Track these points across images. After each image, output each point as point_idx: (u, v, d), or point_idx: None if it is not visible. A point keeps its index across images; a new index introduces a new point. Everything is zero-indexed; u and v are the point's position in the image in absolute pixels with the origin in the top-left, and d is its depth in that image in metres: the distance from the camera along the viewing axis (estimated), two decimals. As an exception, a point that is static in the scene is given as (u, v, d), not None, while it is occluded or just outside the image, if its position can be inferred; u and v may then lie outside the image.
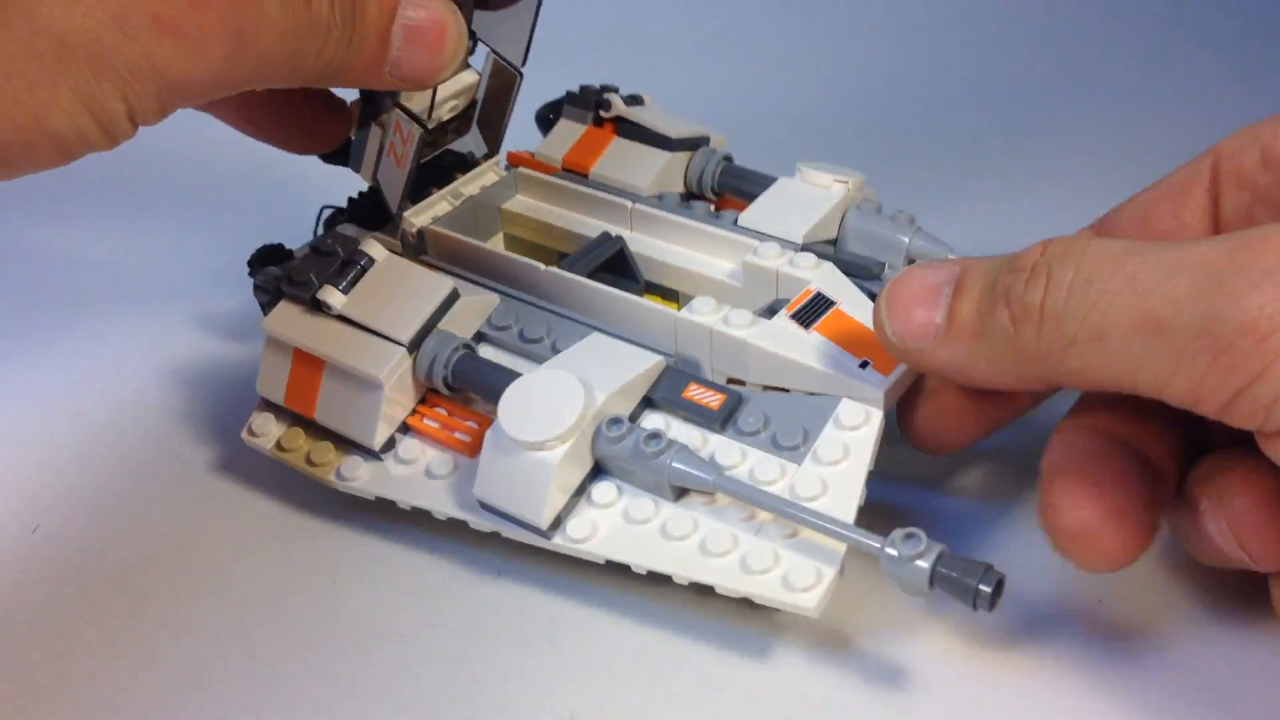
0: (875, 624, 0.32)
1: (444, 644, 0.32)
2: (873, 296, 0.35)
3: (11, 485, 0.39)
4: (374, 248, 0.36)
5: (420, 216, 0.40)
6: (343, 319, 0.35)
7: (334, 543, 0.36)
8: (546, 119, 0.45)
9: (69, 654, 0.32)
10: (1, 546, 0.36)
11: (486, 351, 0.36)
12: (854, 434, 0.32)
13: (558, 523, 0.32)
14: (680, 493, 0.32)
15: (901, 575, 0.28)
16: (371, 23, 0.29)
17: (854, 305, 0.34)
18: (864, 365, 0.33)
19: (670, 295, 0.39)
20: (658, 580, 0.31)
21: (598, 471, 0.33)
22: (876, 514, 0.31)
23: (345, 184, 0.41)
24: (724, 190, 0.42)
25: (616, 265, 0.39)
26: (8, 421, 0.42)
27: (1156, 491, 0.29)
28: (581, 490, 0.32)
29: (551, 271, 0.37)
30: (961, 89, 0.57)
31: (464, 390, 0.35)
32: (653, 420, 0.33)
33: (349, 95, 0.37)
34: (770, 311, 0.35)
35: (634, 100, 0.44)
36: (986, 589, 0.27)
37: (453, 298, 0.35)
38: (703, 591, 0.31)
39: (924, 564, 0.28)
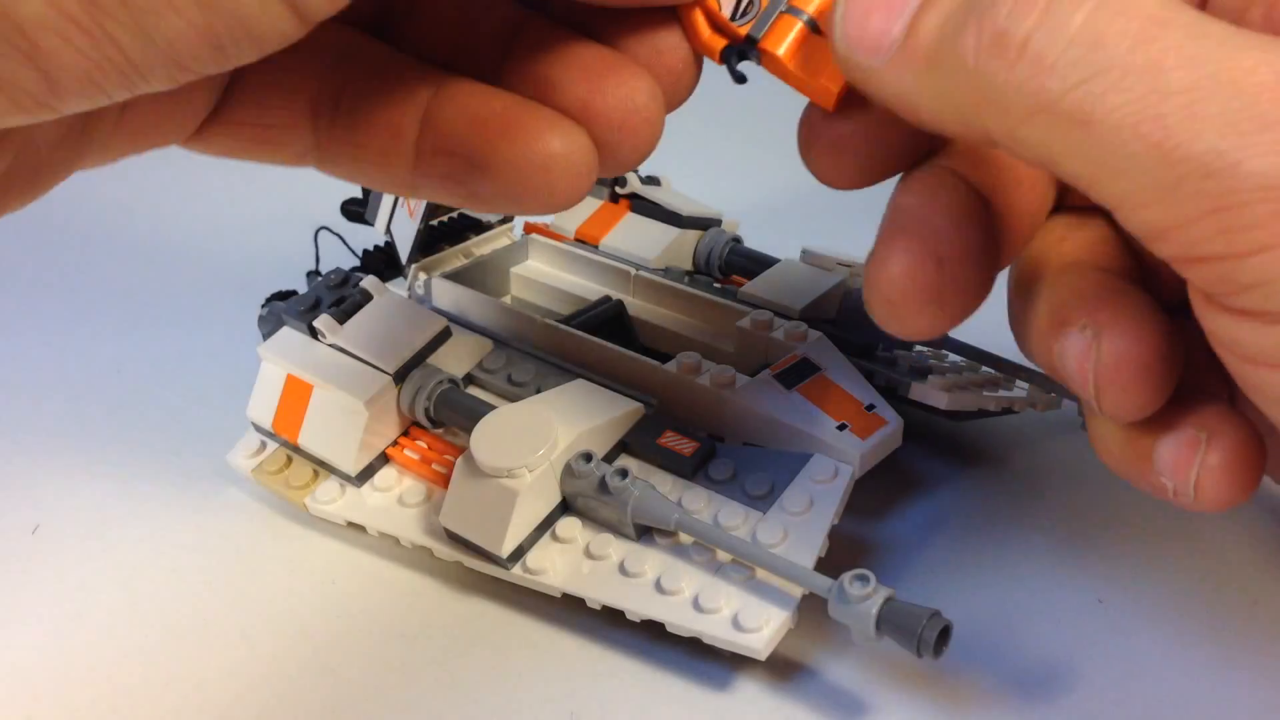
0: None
1: (444, 644, 0.32)
2: (867, 373, 0.35)
3: (12, 485, 0.39)
4: (374, 284, 0.37)
5: (430, 270, 0.41)
6: (335, 348, 0.36)
7: (334, 544, 0.36)
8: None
9: (68, 654, 0.32)
10: (1, 546, 0.36)
11: (475, 392, 0.36)
12: (821, 486, 0.32)
13: (519, 554, 0.32)
14: (643, 531, 0.32)
15: (848, 619, 0.28)
16: None
17: (841, 375, 0.35)
18: (842, 428, 0.33)
19: (665, 360, 0.40)
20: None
21: (566, 509, 0.33)
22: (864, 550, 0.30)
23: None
24: (731, 270, 0.43)
25: (615, 327, 0.40)
26: (8, 420, 0.43)
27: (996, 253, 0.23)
28: (547, 525, 0.32)
29: (546, 322, 0.38)
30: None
31: (445, 424, 0.35)
32: (625, 464, 0.33)
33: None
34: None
35: (651, 180, 0.45)
36: (930, 637, 0.27)
37: (444, 335, 0.36)
38: (657, 629, 0.30)
39: (870, 609, 0.27)
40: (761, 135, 0.63)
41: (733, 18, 0.23)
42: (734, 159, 0.61)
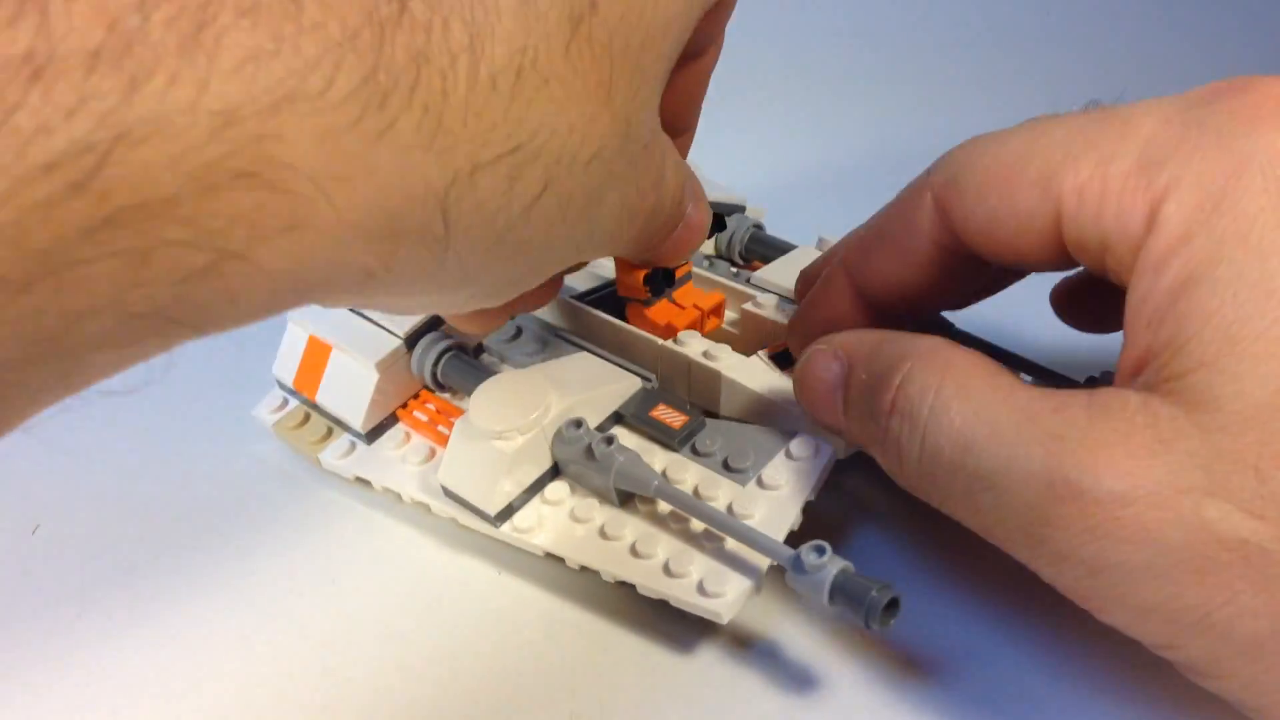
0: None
1: (444, 644, 0.33)
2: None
3: (12, 485, 0.40)
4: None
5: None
6: (355, 312, 0.37)
7: (333, 546, 0.37)
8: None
9: (69, 654, 0.33)
10: (1, 546, 0.37)
11: (486, 361, 0.38)
12: (800, 464, 0.32)
13: (509, 513, 0.33)
14: (626, 498, 0.33)
15: (803, 588, 0.28)
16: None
17: (839, 359, 0.35)
18: (831, 409, 0.33)
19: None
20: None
21: (557, 473, 0.34)
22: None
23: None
24: (751, 256, 0.44)
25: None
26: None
27: None
28: (538, 488, 0.34)
29: (559, 298, 0.39)
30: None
31: (451, 388, 0.37)
32: (618, 434, 0.35)
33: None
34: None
35: (680, 166, 0.46)
36: (877, 606, 0.27)
37: (457, 304, 0.37)
38: (628, 591, 0.31)
39: (824, 579, 0.28)
40: (795, 122, 0.64)
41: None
42: (770, 146, 0.61)
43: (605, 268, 0.42)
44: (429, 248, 0.21)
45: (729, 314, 0.40)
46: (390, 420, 0.37)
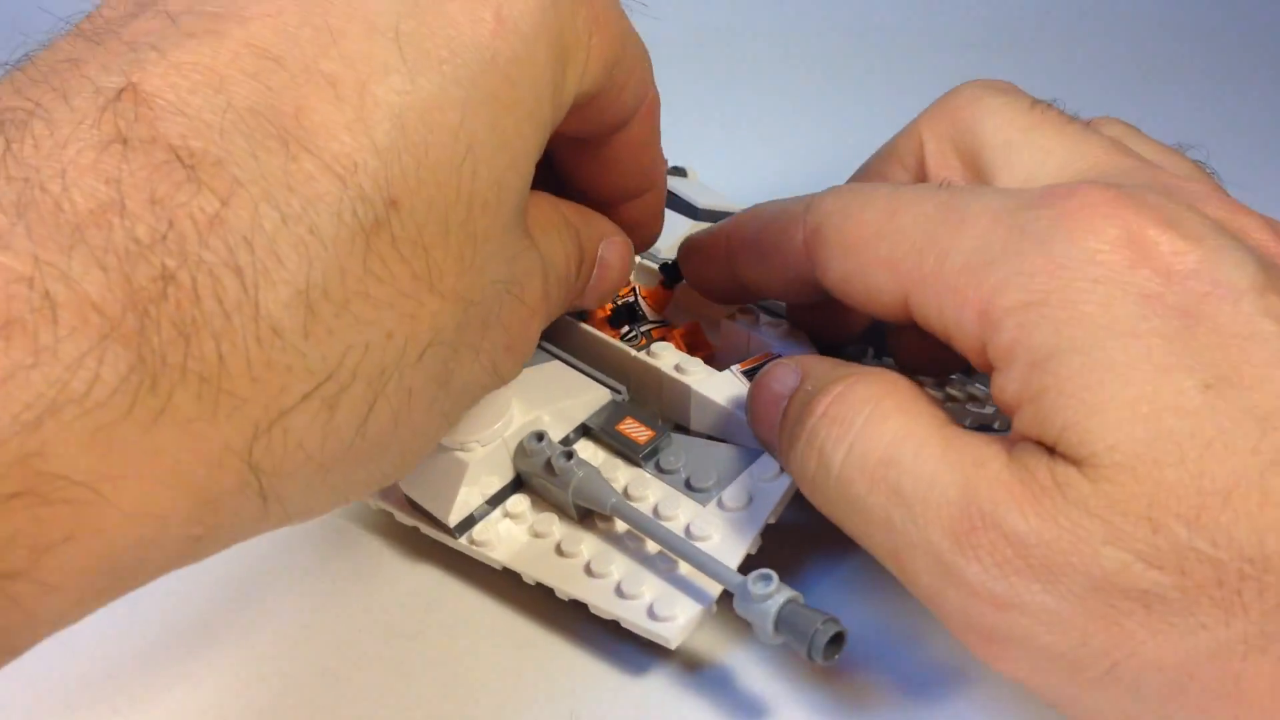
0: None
1: (444, 644, 0.33)
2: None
3: None
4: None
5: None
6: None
7: (332, 545, 0.37)
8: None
9: (68, 654, 0.32)
10: None
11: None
12: (763, 486, 0.32)
13: (470, 524, 0.33)
14: (585, 514, 0.32)
15: (750, 616, 0.28)
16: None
17: (815, 374, 0.35)
18: (800, 428, 0.33)
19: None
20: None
21: (520, 485, 0.34)
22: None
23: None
24: (744, 263, 0.43)
25: (627, 316, 0.40)
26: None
27: None
28: (499, 500, 0.33)
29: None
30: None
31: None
32: (582, 447, 0.34)
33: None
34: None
35: (677, 171, 0.45)
36: (821, 641, 0.27)
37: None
38: (581, 609, 0.31)
39: (770, 609, 0.27)
40: (793, 126, 0.63)
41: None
42: (766, 152, 0.60)
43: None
44: (249, 501, 0.21)
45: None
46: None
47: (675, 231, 0.43)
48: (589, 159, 0.32)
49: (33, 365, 0.17)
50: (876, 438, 0.26)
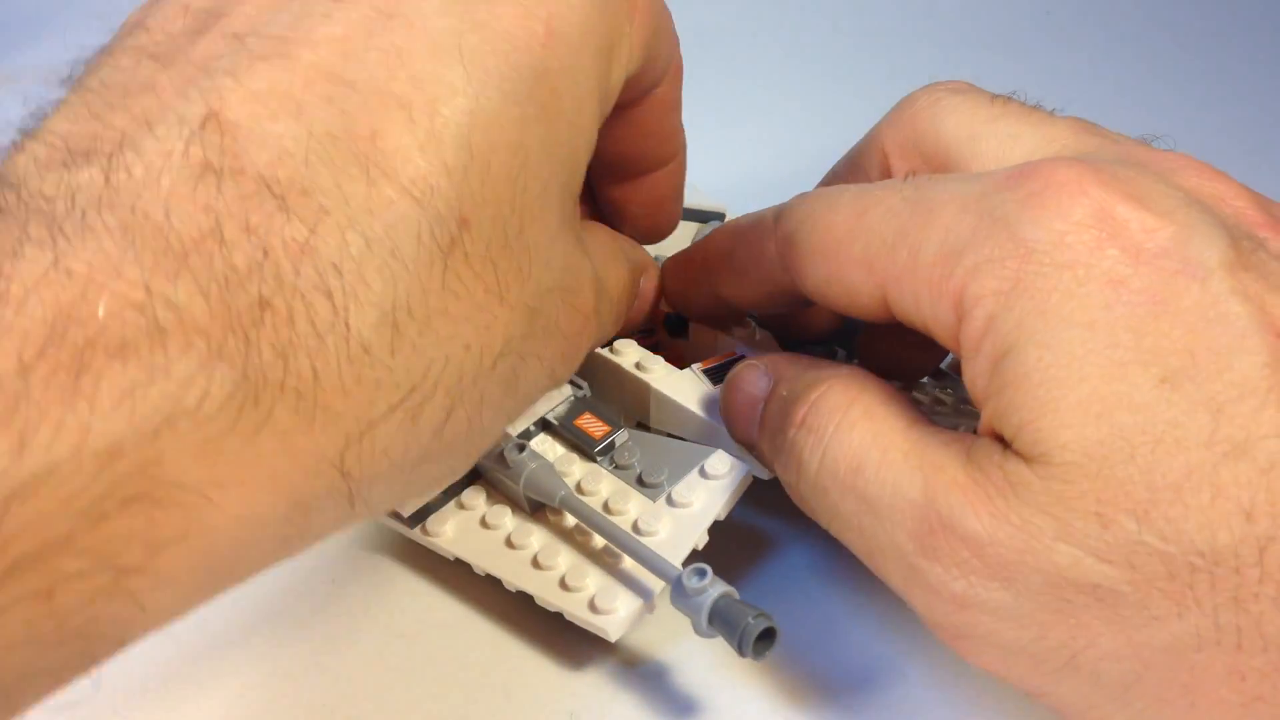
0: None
1: (444, 643, 0.33)
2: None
3: None
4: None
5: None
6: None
7: (333, 544, 0.37)
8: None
9: None
10: None
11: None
12: (713, 482, 0.32)
13: (425, 514, 0.33)
14: (537, 507, 0.33)
15: (685, 610, 0.28)
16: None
17: (773, 375, 0.35)
18: (758, 427, 0.33)
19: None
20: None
21: (477, 477, 0.34)
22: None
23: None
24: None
25: None
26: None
27: None
28: (455, 492, 0.34)
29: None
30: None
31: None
32: (541, 441, 0.34)
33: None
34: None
35: (661, 170, 0.45)
36: (750, 636, 0.27)
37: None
38: (526, 601, 0.31)
39: (703, 603, 0.27)
40: (782, 121, 0.63)
41: None
42: (754, 147, 0.60)
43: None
44: (337, 503, 0.22)
45: None
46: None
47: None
48: (620, 124, 0.32)
49: (149, 381, 0.18)
50: (846, 445, 0.26)
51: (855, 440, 0.26)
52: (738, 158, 0.55)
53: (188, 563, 0.19)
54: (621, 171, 0.34)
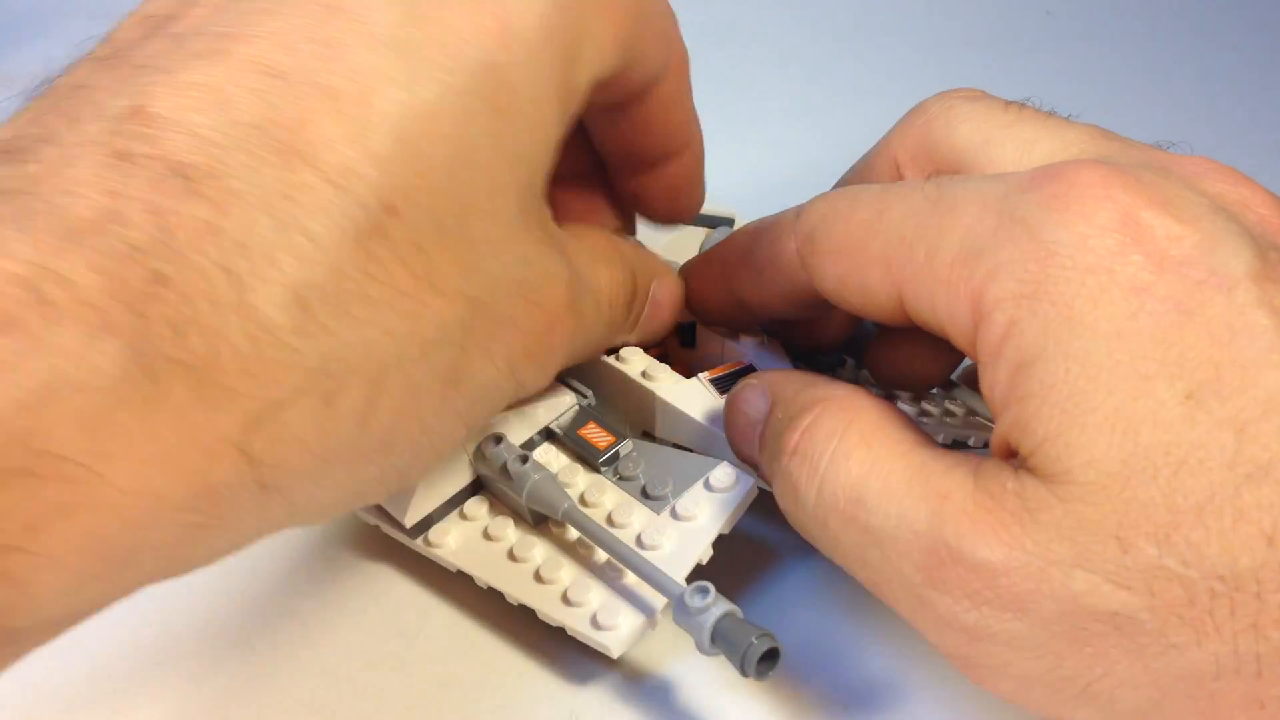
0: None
1: (444, 643, 0.33)
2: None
3: None
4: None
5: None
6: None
7: (332, 544, 0.37)
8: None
9: (68, 655, 0.32)
10: None
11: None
12: (718, 495, 0.31)
13: (427, 525, 0.33)
14: (540, 519, 0.32)
15: (688, 627, 0.28)
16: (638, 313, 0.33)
17: (786, 384, 0.34)
18: (763, 438, 0.32)
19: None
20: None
21: (480, 488, 0.34)
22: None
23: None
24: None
25: None
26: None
27: None
28: (458, 502, 0.33)
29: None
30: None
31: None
32: (544, 451, 0.34)
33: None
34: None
35: (670, 174, 0.45)
36: (753, 656, 0.26)
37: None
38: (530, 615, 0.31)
39: (705, 622, 0.27)
40: (790, 125, 0.63)
41: None
42: (763, 152, 0.60)
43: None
44: (249, 490, 0.21)
45: None
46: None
47: (660, 238, 0.42)
48: (623, 121, 0.32)
49: (30, 353, 0.18)
50: (843, 476, 0.26)
51: (853, 469, 0.26)
52: (747, 163, 0.55)
53: (75, 542, 0.19)
54: (635, 164, 0.34)
